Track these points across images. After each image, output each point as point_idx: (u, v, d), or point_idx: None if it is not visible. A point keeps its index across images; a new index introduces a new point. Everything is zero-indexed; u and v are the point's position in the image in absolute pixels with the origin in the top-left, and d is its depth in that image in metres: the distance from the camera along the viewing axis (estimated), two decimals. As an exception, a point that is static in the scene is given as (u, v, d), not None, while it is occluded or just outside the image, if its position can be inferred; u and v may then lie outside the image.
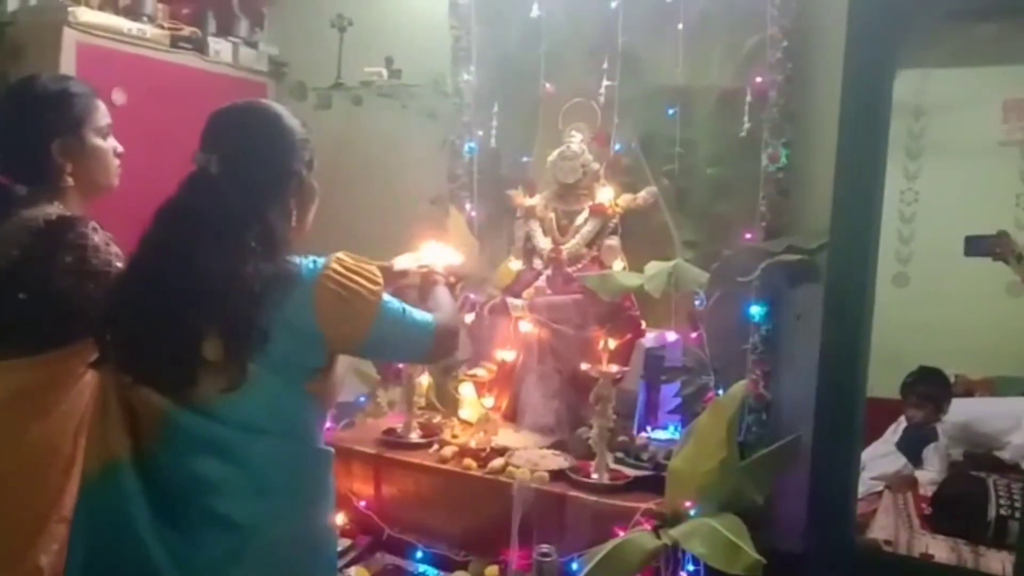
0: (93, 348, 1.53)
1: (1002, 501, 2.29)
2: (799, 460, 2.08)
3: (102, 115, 1.65)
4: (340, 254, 1.35)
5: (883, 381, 2.34)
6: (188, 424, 1.27)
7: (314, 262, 1.33)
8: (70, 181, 1.59)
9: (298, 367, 1.32)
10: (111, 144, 1.67)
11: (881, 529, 2.39)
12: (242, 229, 1.28)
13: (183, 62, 2.85)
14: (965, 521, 2.32)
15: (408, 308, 1.43)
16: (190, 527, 1.26)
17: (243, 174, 1.32)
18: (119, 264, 1.50)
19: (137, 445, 1.29)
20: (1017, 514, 2.22)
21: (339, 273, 1.32)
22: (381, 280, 1.38)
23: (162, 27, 2.80)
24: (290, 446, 1.34)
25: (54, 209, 1.54)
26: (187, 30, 2.88)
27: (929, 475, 2.65)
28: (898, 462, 2.67)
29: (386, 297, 1.38)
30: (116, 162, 1.69)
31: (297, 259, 1.33)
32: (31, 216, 1.51)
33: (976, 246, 2.44)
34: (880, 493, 2.59)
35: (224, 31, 3.05)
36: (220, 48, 2.99)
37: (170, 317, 1.26)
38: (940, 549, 2.25)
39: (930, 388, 2.76)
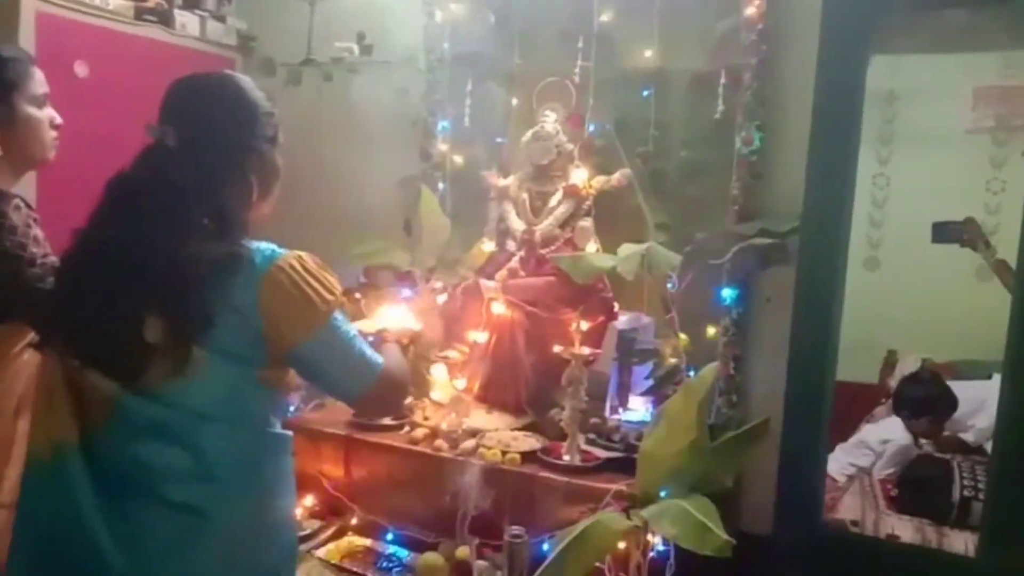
0: (26, 328, 1.48)
1: (966, 483, 2.33)
2: (768, 442, 2.10)
3: (38, 83, 1.58)
4: (304, 254, 1.29)
5: (853, 364, 2.36)
6: (137, 409, 1.23)
7: (272, 251, 1.27)
8: None
9: (247, 354, 1.26)
10: (47, 114, 1.60)
11: (848, 510, 2.43)
12: (194, 205, 1.24)
13: (148, 35, 2.77)
14: (930, 502, 2.37)
15: (361, 340, 1.35)
16: (138, 512, 1.23)
17: (201, 147, 1.27)
18: (35, 249, 1.45)
19: (84, 429, 1.24)
20: (981, 495, 2.26)
21: (294, 269, 1.25)
22: (339, 294, 1.31)
23: (126, -2, 2.72)
24: (241, 433, 1.28)
25: None
26: (152, 2, 2.79)
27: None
28: (866, 459, 2.70)
29: (339, 314, 1.31)
30: (52, 134, 1.61)
31: (253, 243, 1.27)
32: None
33: (943, 232, 2.47)
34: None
35: (191, 4, 2.97)
36: (186, 21, 2.91)
37: (113, 298, 1.21)
38: (905, 530, 2.29)
39: (928, 397, 2.70)
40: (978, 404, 2.69)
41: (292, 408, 2.39)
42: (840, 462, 2.66)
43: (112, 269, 1.22)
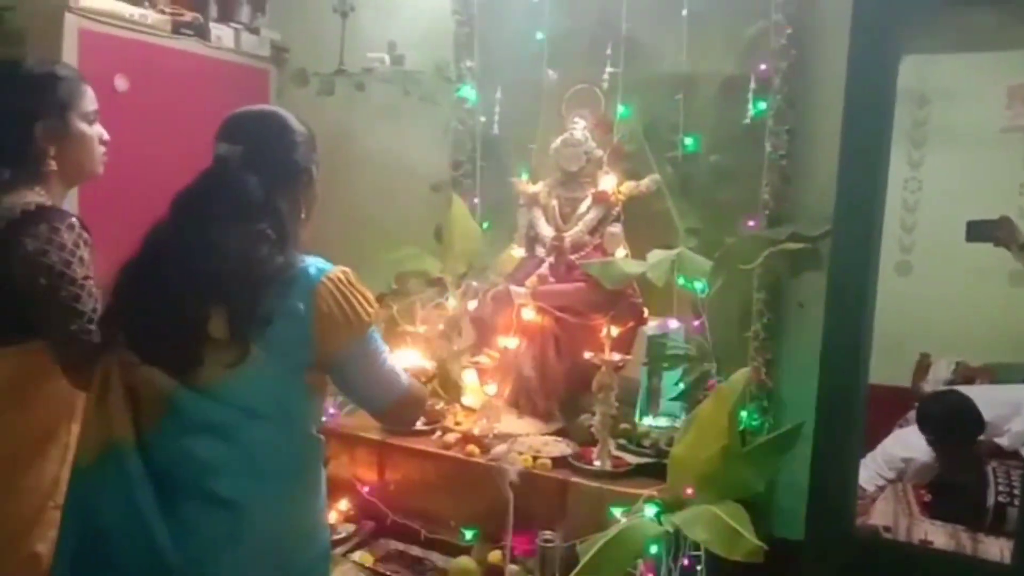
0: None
1: (1001, 488, 2.30)
2: (800, 447, 2.09)
3: (89, 100, 1.63)
4: (348, 269, 1.39)
5: (886, 367, 2.34)
6: (191, 405, 1.30)
7: (323, 264, 1.38)
8: (53, 166, 1.57)
9: (297, 357, 1.35)
10: (97, 131, 1.65)
11: (881, 515, 2.41)
12: (258, 216, 1.35)
13: (185, 48, 2.83)
14: (964, 508, 2.34)
15: (391, 357, 1.47)
16: (186, 509, 1.28)
17: (261, 166, 1.39)
18: (78, 269, 1.48)
19: (138, 428, 1.31)
20: (1016, 501, 2.23)
21: (342, 283, 1.36)
22: (377, 311, 1.43)
23: (163, 12, 2.78)
24: (287, 432, 1.36)
25: (34, 196, 1.53)
26: (188, 15, 2.85)
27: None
28: (892, 473, 2.67)
29: (375, 330, 1.43)
30: (102, 149, 1.67)
31: (305, 257, 1.37)
32: (11, 204, 1.50)
33: (978, 231, 2.43)
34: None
35: (225, 16, 3.03)
36: (222, 34, 2.97)
37: (180, 292, 1.30)
38: (939, 535, 2.26)
39: (951, 417, 2.59)
40: (1014, 408, 2.65)
41: (330, 412, 2.43)
42: (869, 471, 2.63)
43: (183, 266, 1.32)
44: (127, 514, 1.27)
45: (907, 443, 2.70)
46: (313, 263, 1.37)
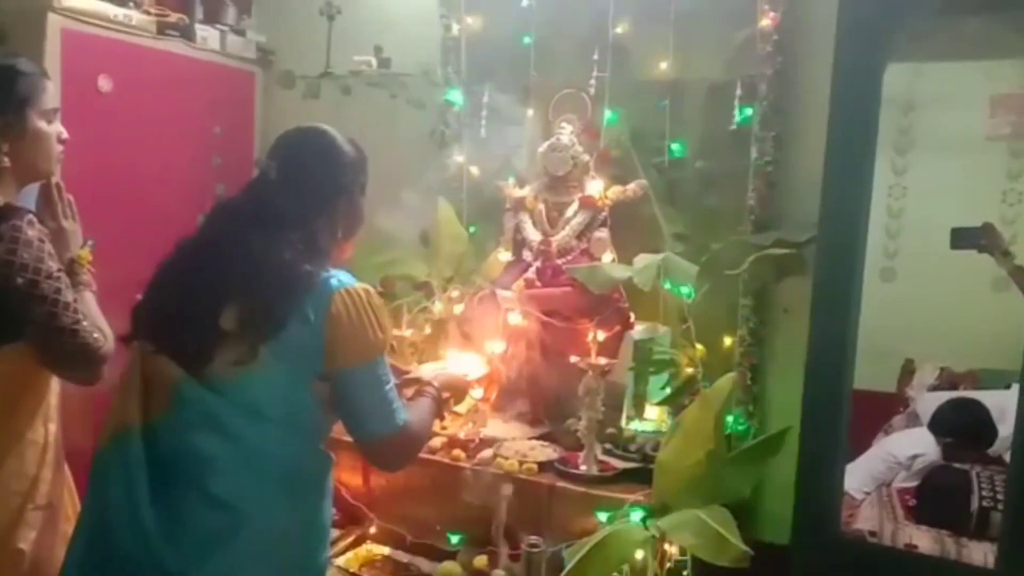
0: None
1: (985, 493, 2.31)
2: (786, 452, 2.10)
3: (49, 98, 1.60)
4: (371, 289, 1.41)
5: (870, 373, 2.35)
6: (196, 397, 1.32)
7: (347, 278, 1.39)
8: (6, 162, 1.54)
9: (307, 366, 1.36)
10: (55, 129, 1.62)
11: (866, 520, 2.41)
12: (288, 227, 1.38)
13: (170, 49, 2.81)
14: (949, 512, 2.34)
15: (394, 390, 1.44)
16: (182, 504, 1.29)
17: (297, 183, 1.43)
18: (51, 263, 1.47)
19: (147, 417, 1.34)
20: (1000, 506, 2.24)
21: (360, 299, 1.37)
22: (389, 336, 1.44)
23: (148, 13, 2.75)
24: (291, 440, 1.36)
25: None
26: (174, 16, 2.83)
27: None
28: (891, 471, 2.67)
29: (384, 356, 1.42)
30: (59, 148, 1.63)
31: (333, 270, 1.39)
32: None
33: (962, 238, 2.45)
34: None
35: (211, 18, 3.01)
36: (207, 35, 2.95)
37: (198, 287, 1.35)
38: (924, 540, 2.27)
39: (973, 425, 2.62)
40: (997, 413, 2.67)
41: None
42: (861, 476, 2.63)
43: (204, 263, 1.36)
44: (125, 501, 1.29)
45: (916, 440, 2.70)
46: (337, 276, 1.38)
